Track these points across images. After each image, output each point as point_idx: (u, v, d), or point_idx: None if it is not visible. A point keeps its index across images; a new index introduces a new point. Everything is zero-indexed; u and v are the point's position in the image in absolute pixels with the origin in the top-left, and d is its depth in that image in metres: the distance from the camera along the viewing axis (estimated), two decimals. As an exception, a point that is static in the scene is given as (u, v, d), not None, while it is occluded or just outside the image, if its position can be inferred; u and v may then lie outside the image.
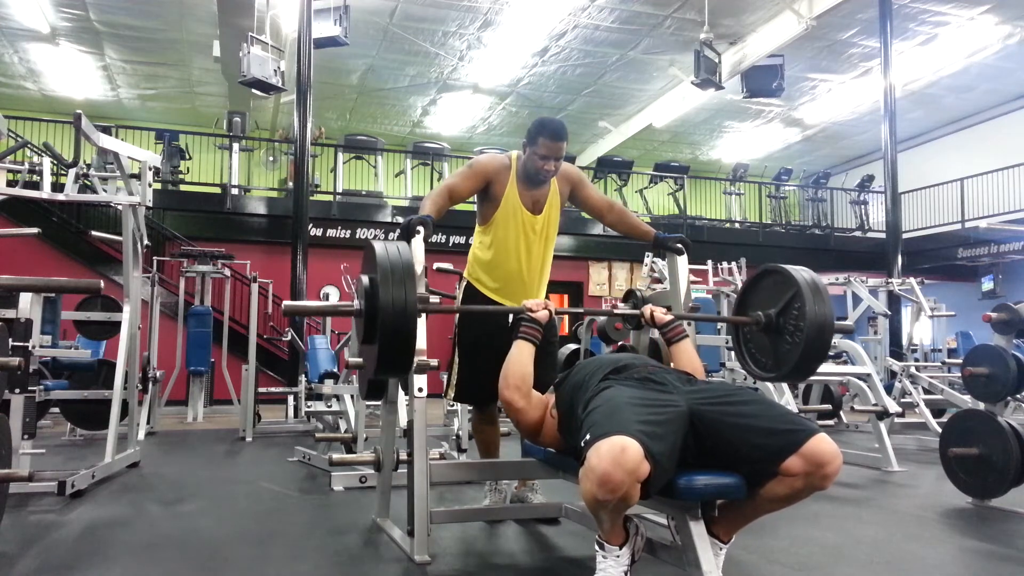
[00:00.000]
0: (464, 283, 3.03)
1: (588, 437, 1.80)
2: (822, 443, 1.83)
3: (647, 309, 2.54)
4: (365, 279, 2.25)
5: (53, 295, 4.96)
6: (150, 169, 4.39)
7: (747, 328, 2.59)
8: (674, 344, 2.48)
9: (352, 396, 4.57)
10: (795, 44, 10.21)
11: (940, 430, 3.69)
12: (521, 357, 2.35)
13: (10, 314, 3.03)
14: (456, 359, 2.95)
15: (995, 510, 3.32)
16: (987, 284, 13.17)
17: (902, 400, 6.49)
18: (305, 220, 8.74)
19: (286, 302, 2.44)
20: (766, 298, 2.51)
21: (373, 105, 13.56)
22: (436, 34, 10.71)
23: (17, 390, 3.05)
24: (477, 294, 2.98)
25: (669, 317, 2.50)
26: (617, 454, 1.70)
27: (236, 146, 11.48)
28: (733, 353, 5.35)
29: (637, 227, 3.08)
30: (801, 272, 2.40)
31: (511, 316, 2.76)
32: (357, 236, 11.18)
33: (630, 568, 1.95)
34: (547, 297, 3.06)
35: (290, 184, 10.71)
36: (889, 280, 8.30)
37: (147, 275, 6.95)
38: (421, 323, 2.37)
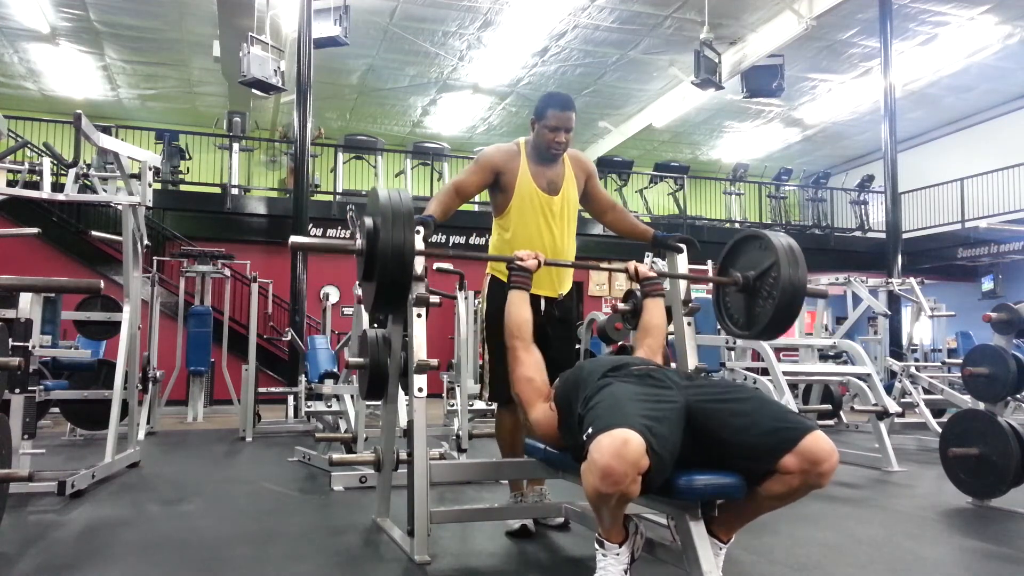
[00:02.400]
0: (488, 278, 2.95)
1: (590, 431, 1.80)
2: (818, 441, 1.82)
3: (631, 264, 2.69)
4: (368, 220, 2.40)
5: (53, 295, 4.96)
6: (150, 169, 4.39)
7: (726, 288, 2.79)
8: (649, 298, 2.65)
9: (352, 396, 4.57)
10: (795, 44, 10.20)
11: (940, 430, 3.69)
12: (515, 304, 2.48)
13: (10, 314, 3.03)
14: (488, 357, 2.87)
15: (995, 510, 3.32)
16: (987, 284, 13.15)
17: (902, 400, 6.49)
18: (305, 220, 8.76)
19: (293, 237, 2.51)
20: (747, 261, 2.69)
21: (373, 105, 13.55)
22: (436, 34, 10.71)
23: (17, 390, 3.05)
24: (502, 285, 2.84)
25: (652, 273, 2.68)
26: (619, 447, 1.70)
27: (236, 146, 11.49)
28: (732, 353, 5.41)
29: (635, 227, 3.10)
30: (780, 238, 2.57)
31: (507, 264, 2.65)
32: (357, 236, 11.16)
33: (630, 567, 1.95)
34: (572, 289, 3.00)
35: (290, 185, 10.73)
36: (889, 280, 8.30)
37: (147, 275, 6.95)
38: (421, 317, 2.36)
